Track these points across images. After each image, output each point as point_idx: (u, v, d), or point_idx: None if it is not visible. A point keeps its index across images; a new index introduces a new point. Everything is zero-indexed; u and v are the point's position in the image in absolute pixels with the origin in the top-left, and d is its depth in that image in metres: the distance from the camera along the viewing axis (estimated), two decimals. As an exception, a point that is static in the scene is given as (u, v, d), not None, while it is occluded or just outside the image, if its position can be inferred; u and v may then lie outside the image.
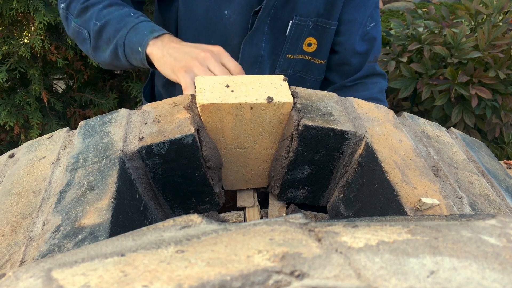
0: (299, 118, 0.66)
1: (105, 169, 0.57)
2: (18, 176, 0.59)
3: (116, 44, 0.85)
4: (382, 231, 0.33)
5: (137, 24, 0.84)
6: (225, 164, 0.75)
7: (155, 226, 0.35)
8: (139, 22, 0.84)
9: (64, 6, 0.92)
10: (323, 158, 0.71)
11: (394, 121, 0.73)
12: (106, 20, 0.85)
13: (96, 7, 0.87)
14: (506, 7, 1.72)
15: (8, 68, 1.70)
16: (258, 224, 0.34)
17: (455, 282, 0.27)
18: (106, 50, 0.88)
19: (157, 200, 0.71)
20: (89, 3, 0.88)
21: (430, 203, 0.54)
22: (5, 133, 1.94)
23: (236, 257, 0.29)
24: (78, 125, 0.68)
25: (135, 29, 0.83)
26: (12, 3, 1.53)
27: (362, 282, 0.26)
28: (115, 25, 0.85)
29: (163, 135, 0.62)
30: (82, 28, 0.89)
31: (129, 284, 0.27)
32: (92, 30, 0.87)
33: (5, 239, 0.49)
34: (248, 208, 0.79)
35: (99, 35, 0.87)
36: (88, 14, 0.88)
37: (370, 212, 0.65)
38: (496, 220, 0.35)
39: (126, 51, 0.85)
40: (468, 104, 1.66)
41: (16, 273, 0.31)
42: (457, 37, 1.63)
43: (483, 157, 0.73)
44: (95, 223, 0.48)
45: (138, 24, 0.84)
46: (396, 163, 0.62)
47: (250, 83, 0.69)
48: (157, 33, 0.83)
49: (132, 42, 0.83)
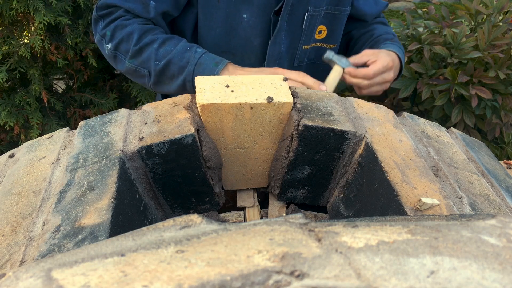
0: (299, 118, 0.66)
1: (105, 169, 0.57)
2: (18, 176, 0.59)
3: (184, 80, 0.92)
4: (382, 231, 0.33)
5: (199, 60, 0.90)
6: (225, 164, 0.75)
7: (155, 226, 0.35)
8: (200, 57, 0.91)
9: (111, 47, 0.95)
10: (323, 158, 0.71)
11: (394, 121, 0.73)
12: (167, 59, 0.91)
13: (151, 47, 0.91)
14: (506, 7, 1.72)
15: (8, 68, 1.70)
16: (258, 224, 0.34)
17: (455, 282, 0.27)
18: (170, 84, 0.95)
19: (157, 200, 0.71)
20: (142, 44, 0.91)
21: (430, 203, 0.54)
22: (5, 133, 1.94)
23: (236, 257, 0.29)
24: (78, 125, 0.68)
25: (200, 64, 0.90)
26: (12, 3, 1.53)
27: (362, 282, 0.26)
28: (177, 63, 0.91)
29: (163, 135, 0.62)
30: (140, 68, 0.94)
31: (129, 284, 0.27)
32: (153, 70, 0.93)
33: (5, 239, 0.49)
34: (248, 208, 0.79)
35: (162, 73, 0.93)
36: (145, 55, 0.92)
37: (370, 212, 0.65)
38: (496, 220, 0.35)
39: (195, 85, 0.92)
40: (468, 104, 1.66)
41: (16, 273, 0.31)
42: (457, 37, 1.63)
43: (483, 157, 0.73)
44: (95, 223, 0.48)
45: (200, 58, 0.91)
46: (396, 163, 0.62)
47: (250, 83, 0.69)
48: (222, 65, 0.90)
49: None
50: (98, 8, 0.95)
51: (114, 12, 0.94)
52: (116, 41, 0.93)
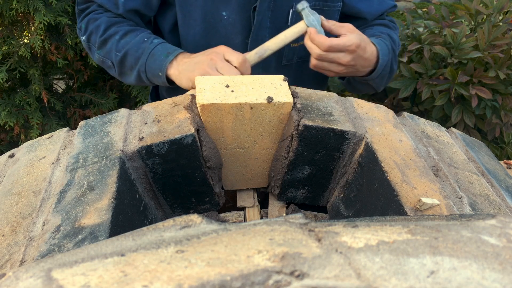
0: (299, 118, 0.66)
1: (105, 169, 0.57)
2: (18, 176, 0.59)
3: (139, 71, 0.94)
4: (382, 231, 0.33)
5: (153, 50, 0.91)
6: (225, 164, 0.75)
7: (155, 226, 0.35)
8: (154, 47, 0.91)
9: (85, 39, 1.01)
10: (323, 158, 0.71)
11: (394, 121, 0.73)
12: (125, 50, 0.94)
13: (113, 38, 0.95)
14: (506, 7, 1.72)
15: (8, 68, 1.70)
16: (258, 224, 0.34)
17: (455, 282, 0.27)
18: (131, 75, 0.98)
19: (157, 200, 0.71)
20: (106, 36, 0.96)
21: (430, 203, 0.54)
22: (5, 133, 1.94)
23: (236, 257, 0.29)
24: (78, 125, 0.68)
25: (152, 55, 0.91)
26: (12, 3, 1.53)
27: (362, 282, 0.26)
28: (133, 54, 0.93)
29: (163, 135, 0.62)
30: (105, 58, 0.99)
31: (129, 284, 0.27)
32: (115, 60, 0.97)
33: (5, 239, 0.49)
34: (248, 208, 0.79)
35: (122, 64, 0.96)
36: (108, 45, 0.97)
37: (370, 212, 0.65)
38: (496, 220, 0.35)
39: (148, 76, 0.94)
40: (468, 104, 1.66)
41: (16, 273, 0.31)
42: (457, 37, 1.63)
43: (483, 157, 0.73)
44: (95, 223, 0.48)
45: (154, 49, 0.91)
46: (396, 163, 0.62)
47: (250, 83, 0.69)
48: (172, 55, 0.89)
49: (152, 68, 0.91)
50: (77, 3, 1.02)
51: (90, 7, 1.01)
52: (88, 32, 0.99)
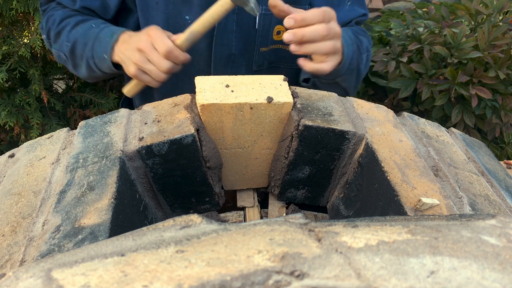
0: (299, 118, 0.66)
1: (105, 169, 0.57)
2: (18, 176, 0.59)
3: (87, 58, 0.90)
4: (382, 231, 0.33)
5: (99, 34, 0.88)
6: (225, 164, 0.75)
7: (155, 226, 0.35)
8: (100, 31, 0.88)
9: (45, 36, 1.00)
10: (323, 158, 0.71)
11: (394, 121, 0.73)
12: (74, 39, 0.91)
13: (65, 29, 0.94)
14: (506, 7, 1.72)
15: (8, 68, 1.70)
16: (258, 224, 0.34)
17: (455, 282, 0.27)
18: (81, 65, 0.94)
19: (157, 200, 0.71)
20: (60, 28, 0.94)
21: (430, 203, 0.54)
22: (5, 133, 1.94)
23: (236, 257, 0.29)
24: (78, 125, 0.68)
25: (98, 38, 0.87)
26: (12, 3, 1.53)
27: (362, 282, 0.26)
28: (81, 41, 0.90)
29: (163, 135, 0.62)
30: (59, 52, 0.97)
31: (129, 284, 0.27)
32: (66, 52, 0.94)
33: (5, 239, 0.49)
34: (248, 208, 0.80)
35: (73, 55, 0.93)
36: (61, 38, 0.95)
37: (370, 212, 0.65)
38: (496, 220, 0.35)
39: (96, 62, 0.90)
40: (468, 104, 1.66)
41: (16, 273, 0.31)
42: (457, 37, 1.63)
43: (483, 157, 0.73)
44: (95, 223, 0.48)
45: (100, 33, 0.88)
46: (396, 163, 0.62)
47: (250, 83, 0.69)
48: (116, 35, 0.85)
49: (98, 52, 0.87)
50: (40, 4, 1.03)
51: (50, 6, 1.01)
52: (47, 29, 0.98)
